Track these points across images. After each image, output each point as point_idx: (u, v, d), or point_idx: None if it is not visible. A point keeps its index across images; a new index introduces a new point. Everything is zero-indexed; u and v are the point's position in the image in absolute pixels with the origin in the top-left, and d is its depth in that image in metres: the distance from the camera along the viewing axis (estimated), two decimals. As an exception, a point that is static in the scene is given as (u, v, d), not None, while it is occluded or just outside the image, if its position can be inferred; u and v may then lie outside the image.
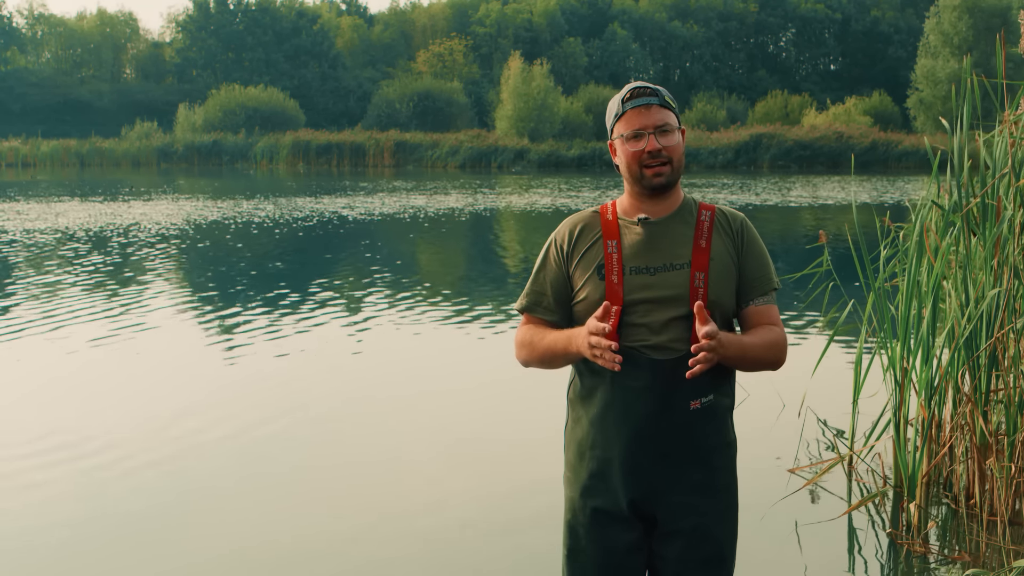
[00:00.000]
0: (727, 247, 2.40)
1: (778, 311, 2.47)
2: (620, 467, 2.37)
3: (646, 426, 2.33)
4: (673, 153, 2.37)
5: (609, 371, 2.33)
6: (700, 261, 2.35)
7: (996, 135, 4.53)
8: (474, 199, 26.90)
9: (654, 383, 2.32)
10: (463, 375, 7.28)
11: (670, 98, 2.41)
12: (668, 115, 2.37)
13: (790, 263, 13.06)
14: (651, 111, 2.36)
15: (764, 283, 2.42)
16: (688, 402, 2.33)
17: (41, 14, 78.78)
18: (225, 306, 10.33)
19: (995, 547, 4.08)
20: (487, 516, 4.58)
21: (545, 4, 78.95)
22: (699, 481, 2.38)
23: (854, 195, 19.47)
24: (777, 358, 2.41)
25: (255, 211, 22.52)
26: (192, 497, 4.80)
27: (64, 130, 63.50)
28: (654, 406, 2.32)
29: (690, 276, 2.34)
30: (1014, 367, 4.30)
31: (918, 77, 55.22)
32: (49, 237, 16.83)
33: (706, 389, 2.35)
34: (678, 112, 2.44)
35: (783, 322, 2.49)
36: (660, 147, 2.35)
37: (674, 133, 2.37)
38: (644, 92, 2.37)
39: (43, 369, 7.37)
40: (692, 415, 2.34)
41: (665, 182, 2.37)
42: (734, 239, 2.42)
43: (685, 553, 2.38)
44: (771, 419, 5.91)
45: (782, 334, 2.42)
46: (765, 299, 2.43)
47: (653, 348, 2.32)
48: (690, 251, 2.37)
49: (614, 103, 2.43)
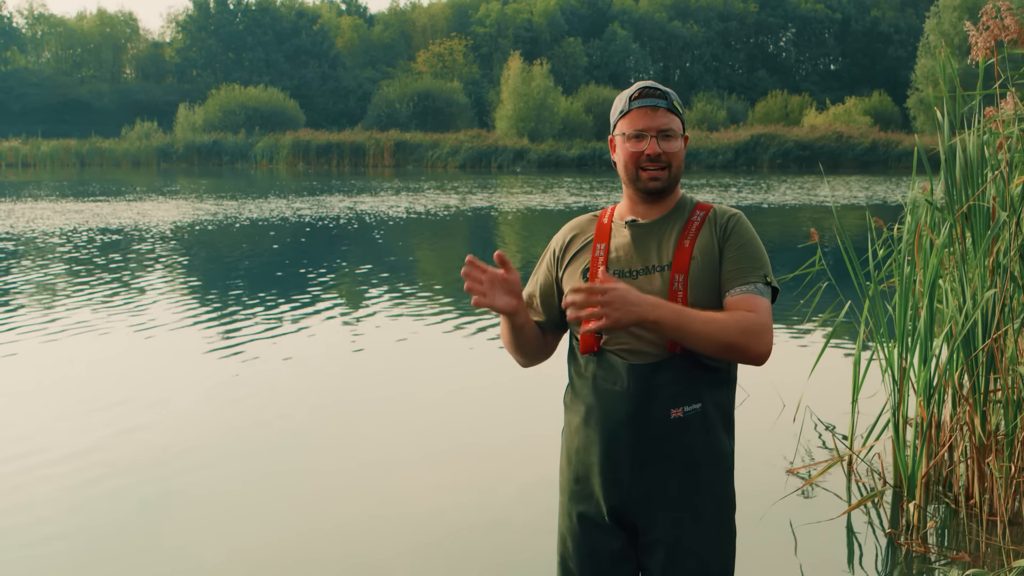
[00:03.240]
0: (712, 245, 2.29)
1: (764, 304, 2.23)
2: (599, 474, 2.30)
3: (623, 433, 2.26)
4: (673, 159, 2.32)
5: (591, 374, 2.30)
6: (681, 262, 2.27)
7: (971, 133, 4.52)
8: (474, 199, 26.90)
9: (630, 387, 2.24)
10: (463, 376, 7.28)
11: (679, 103, 2.36)
12: (673, 120, 2.32)
13: (788, 263, 13.06)
14: (657, 113, 2.30)
15: (744, 274, 2.24)
16: (668, 410, 2.24)
17: (41, 14, 78.82)
18: (222, 307, 10.33)
19: (995, 547, 4.08)
20: (486, 517, 4.58)
21: (545, 4, 78.97)
22: (681, 494, 2.27)
23: (834, 196, 19.41)
24: (745, 342, 2.16)
25: (255, 211, 22.52)
26: (185, 500, 4.80)
27: (64, 130, 63.50)
28: (632, 412, 2.25)
29: (670, 278, 2.26)
30: (1011, 368, 4.30)
31: (918, 77, 55.23)
32: (49, 237, 16.83)
33: (691, 398, 2.25)
34: (684, 118, 2.38)
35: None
36: (660, 151, 2.29)
37: (677, 139, 2.32)
38: (653, 93, 2.32)
39: (40, 369, 7.36)
40: (673, 424, 2.24)
41: (660, 188, 2.32)
42: (720, 233, 2.30)
43: (667, 567, 2.27)
44: (770, 419, 5.91)
45: (757, 318, 2.18)
46: (744, 288, 2.23)
47: (631, 352, 2.26)
48: (673, 252, 2.30)
49: (621, 99, 2.37)
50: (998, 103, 4.70)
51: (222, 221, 20.14)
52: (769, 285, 2.28)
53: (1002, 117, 4.63)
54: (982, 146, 4.45)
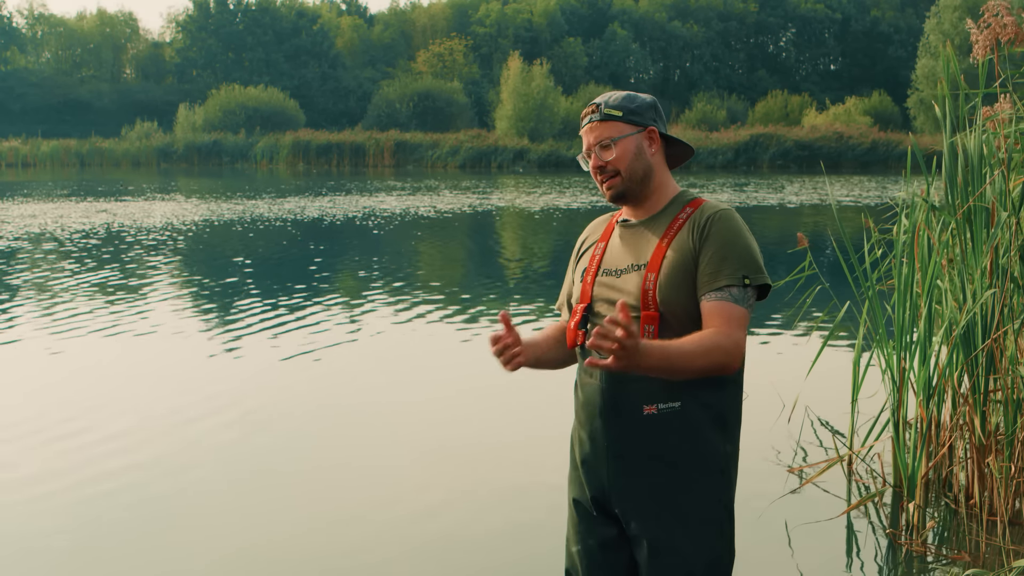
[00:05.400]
0: (687, 244, 2.30)
1: (736, 312, 2.23)
2: (581, 463, 2.42)
3: (599, 426, 2.35)
4: (618, 164, 2.37)
5: (577, 368, 2.46)
6: (655, 262, 2.31)
7: (970, 133, 4.51)
8: (474, 199, 26.89)
9: (604, 383, 2.34)
10: (463, 376, 7.27)
11: (615, 107, 2.38)
12: (608, 128, 2.37)
13: (786, 263, 13.05)
14: (592, 128, 2.39)
15: (716, 278, 2.24)
16: (640, 406, 2.28)
17: (41, 14, 78.78)
18: (221, 306, 10.32)
19: (995, 547, 4.08)
20: (486, 517, 4.58)
21: (545, 4, 78.94)
22: (661, 491, 2.30)
23: (834, 197, 19.47)
24: (717, 363, 2.19)
25: (254, 211, 22.52)
26: (180, 501, 4.79)
27: (64, 130, 63.47)
28: (604, 406, 2.34)
29: (643, 277, 2.31)
30: (1011, 368, 4.29)
31: (918, 77, 55.21)
32: (48, 237, 16.82)
33: (668, 396, 2.27)
34: (631, 116, 2.38)
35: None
36: (602, 163, 2.38)
37: (614, 146, 2.36)
38: (589, 111, 2.42)
39: (38, 369, 7.36)
40: (647, 421, 2.28)
41: (617, 193, 2.40)
42: (697, 234, 2.30)
43: (650, 563, 2.31)
44: (770, 419, 5.90)
45: (724, 338, 2.19)
46: (717, 295, 2.24)
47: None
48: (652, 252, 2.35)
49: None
50: (998, 102, 4.68)
51: (222, 221, 20.13)
52: (749, 286, 2.26)
53: (1001, 117, 4.62)
54: (982, 145, 4.45)
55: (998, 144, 4.53)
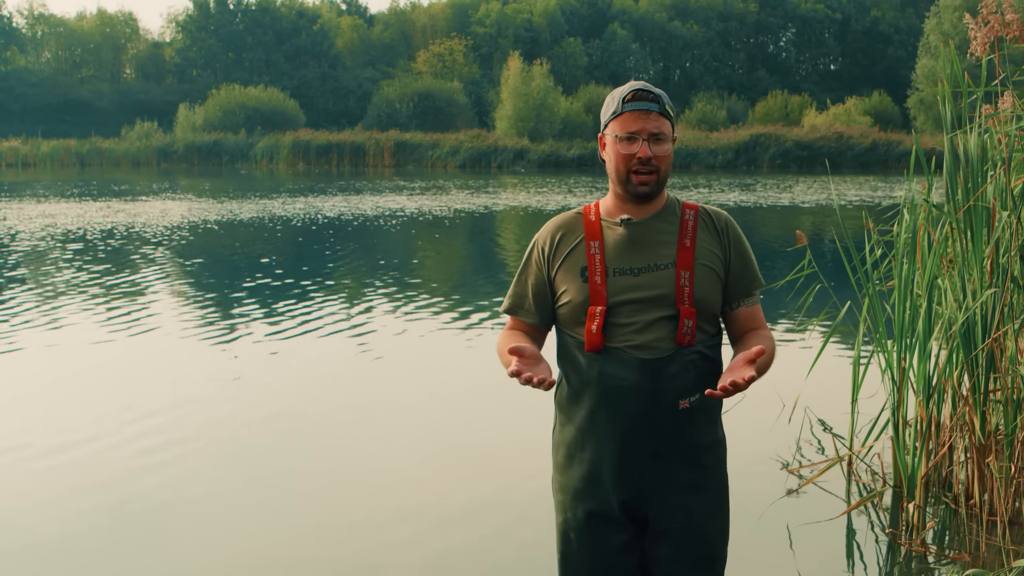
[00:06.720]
0: (712, 246, 2.40)
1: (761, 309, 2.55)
2: (611, 469, 2.36)
3: (636, 426, 2.32)
4: (662, 163, 2.35)
5: (597, 372, 2.33)
6: (685, 260, 2.35)
7: (970, 132, 4.50)
8: (474, 199, 26.88)
9: (642, 382, 2.30)
10: (462, 377, 7.26)
11: (670, 107, 2.39)
12: (665, 124, 2.35)
13: (785, 263, 13.05)
14: (650, 117, 2.32)
15: (751, 283, 2.46)
16: (677, 401, 2.32)
17: (41, 14, 78.82)
18: (221, 306, 10.31)
19: (995, 547, 4.07)
20: (486, 517, 4.56)
21: (545, 4, 78.98)
22: (689, 480, 2.38)
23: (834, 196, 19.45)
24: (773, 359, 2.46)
25: (254, 211, 22.51)
26: (179, 501, 4.78)
27: (64, 130, 63.52)
28: (643, 405, 2.31)
29: (676, 276, 2.33)
30: (1011, 368, 4.28)
31: (918, 77, 55.24)
32: (48, 237, 16.82)
33: (695, 388, 2.34)
34: (674, 122, 2.42)
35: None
36: (651, 155, 2.32)
37: (667, 143, 2.36)
38: (646, 96, 2.34)
39: (37, 369, 7.35)
40: (682, 414, 2.33)
41: (649, 191, 2.36)
42: (720, 238, 2.42)
43: (677, 553, 2.38)
44: (770, 419, 5.89)
45: (771, 337, 2.49)
46: (751, 300, 2.47)
47: (639, 348, 2.32)
48: (674, 251, 2.36)
49: (613, 99, 2.38)
50: (998, 101, 4.67)
51: (221, 221, 20.12)
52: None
53: (1001, 116, 4.60)
54: (983, 144, 4.44)
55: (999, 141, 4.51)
